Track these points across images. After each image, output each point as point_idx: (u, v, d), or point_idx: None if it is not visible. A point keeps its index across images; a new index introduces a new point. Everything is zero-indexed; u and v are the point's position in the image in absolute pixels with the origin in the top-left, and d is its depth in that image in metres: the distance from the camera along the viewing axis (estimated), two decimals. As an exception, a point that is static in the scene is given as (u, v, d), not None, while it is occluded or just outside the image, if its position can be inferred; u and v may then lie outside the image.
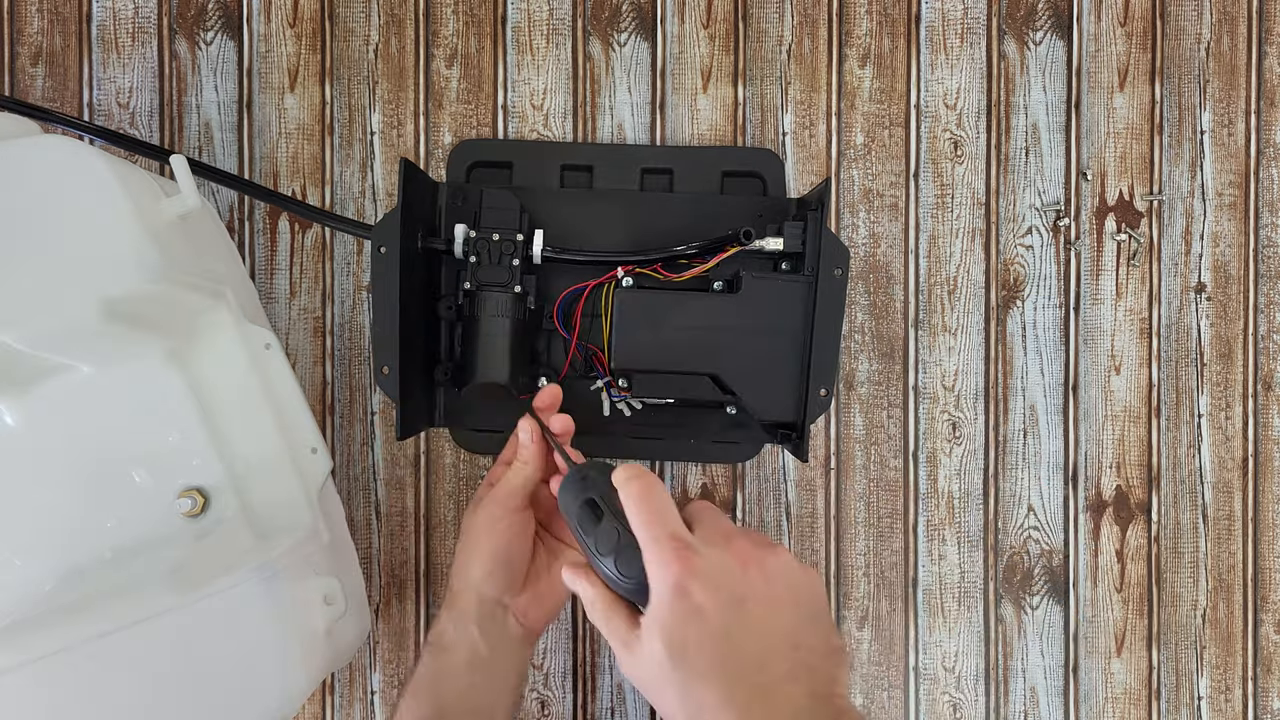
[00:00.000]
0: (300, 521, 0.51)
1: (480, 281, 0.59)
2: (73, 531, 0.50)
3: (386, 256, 0.57)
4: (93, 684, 0.48)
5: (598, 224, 0.64)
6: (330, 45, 0.67)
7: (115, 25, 0.66)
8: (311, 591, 0.53)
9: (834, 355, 0.58)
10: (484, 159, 0.66)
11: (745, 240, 0.58)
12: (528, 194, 0.64)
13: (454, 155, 0.66)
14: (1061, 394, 0.68)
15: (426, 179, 0.63)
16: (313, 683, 0.53)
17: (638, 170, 0.66)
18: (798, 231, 0.59)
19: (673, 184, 0.66)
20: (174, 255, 0.49)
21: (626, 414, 0.65)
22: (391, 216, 0.57)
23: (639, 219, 0.64)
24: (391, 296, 0.57)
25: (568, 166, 0.66)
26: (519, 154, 0.66)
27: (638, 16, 0.67)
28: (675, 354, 0.59)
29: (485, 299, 0.59)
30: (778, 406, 0.59)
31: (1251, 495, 0.68)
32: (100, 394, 0.50)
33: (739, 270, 0.60)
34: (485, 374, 0.59)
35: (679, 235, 0.63)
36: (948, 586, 0.67)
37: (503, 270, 0.59)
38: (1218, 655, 0.68)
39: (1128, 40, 0.67)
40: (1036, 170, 0.67)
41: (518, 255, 0.59)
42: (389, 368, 0.58)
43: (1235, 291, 0.68)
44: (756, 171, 0.66)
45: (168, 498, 0.51)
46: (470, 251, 0.59)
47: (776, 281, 0.59)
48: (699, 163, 0.66)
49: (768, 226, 0.60)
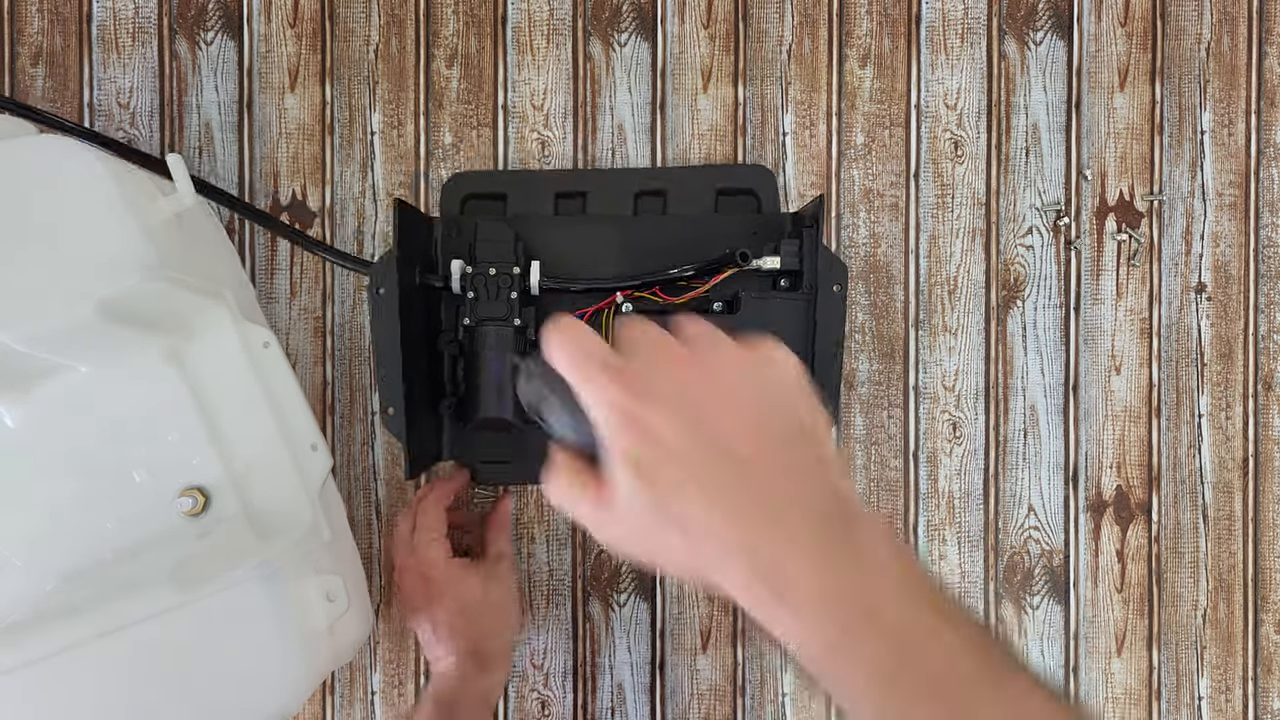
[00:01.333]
0: (301, 519, 0.51)
1: (479, 317, 0.59)
2: (73, 532, 0.50)
3: (385, 298, 0.57)
4: (95, 683, 0.48)
5: (594, 249, 0.64)
6: (330, 45, 0.67)
7: (115, 25, 0.66)
8: (313, 589, 0.53)
9: (835, 370, 0.59)
10: (477, 191, 0.66)
11: (741, 262, 0.58)
12: (522, 222, 0.64)
13: (447, 189, 0.66)
14: (1062, 394, 0.68)
15: (420, 216, 0.63)
16: (315, 680, 0.53)
17: (631, 194, 0.66)
18: (794, 249, 0.59)
19: (666, 206, 0.66)
20: (171, 254, 0.49)
21: None
22: (388, 259, 0.57)
23: (635, 243, 0.64)
24: (392, 338, 0.57)
25: (561, 194, 0.66)
26: (512, 184, 0.66)
27: (638, 16, 0.67)
28: None
29: (485, 334, 0.59)
30: None
31: (1251, 495, 0.68)
32: (99, 394, 0.50)
33: (738, 290, 0.60)
34: (488, 409, 0.59)
35: (675, 257, 0.63)
36: (948, 586, 0.67)
37: (501, 304, 0.59)
38: (1218, 655, 0.68)
39: (1128, 40, 0.67)
40: (1037, 170, 0.67)
41: (515, 288, 0.59)
42: (394, 408, 0.58)
43: (1235, 291, 0.68)
44: (750, 188, 0.66)
45: (168, 497, 0.51)
46: (468, 287, 0.59)
47: (775, 300, 0.59)
48: (692, 183, 0.66)
49: (764, 244, 0.60)
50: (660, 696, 0.68)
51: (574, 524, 0.53)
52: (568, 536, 0.67)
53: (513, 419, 0.59)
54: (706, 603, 0.67)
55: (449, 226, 0.64)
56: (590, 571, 0.67)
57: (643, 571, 0.67)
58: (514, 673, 0.67)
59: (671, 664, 0.68)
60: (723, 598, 0.67)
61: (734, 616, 0.67)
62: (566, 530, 0.67)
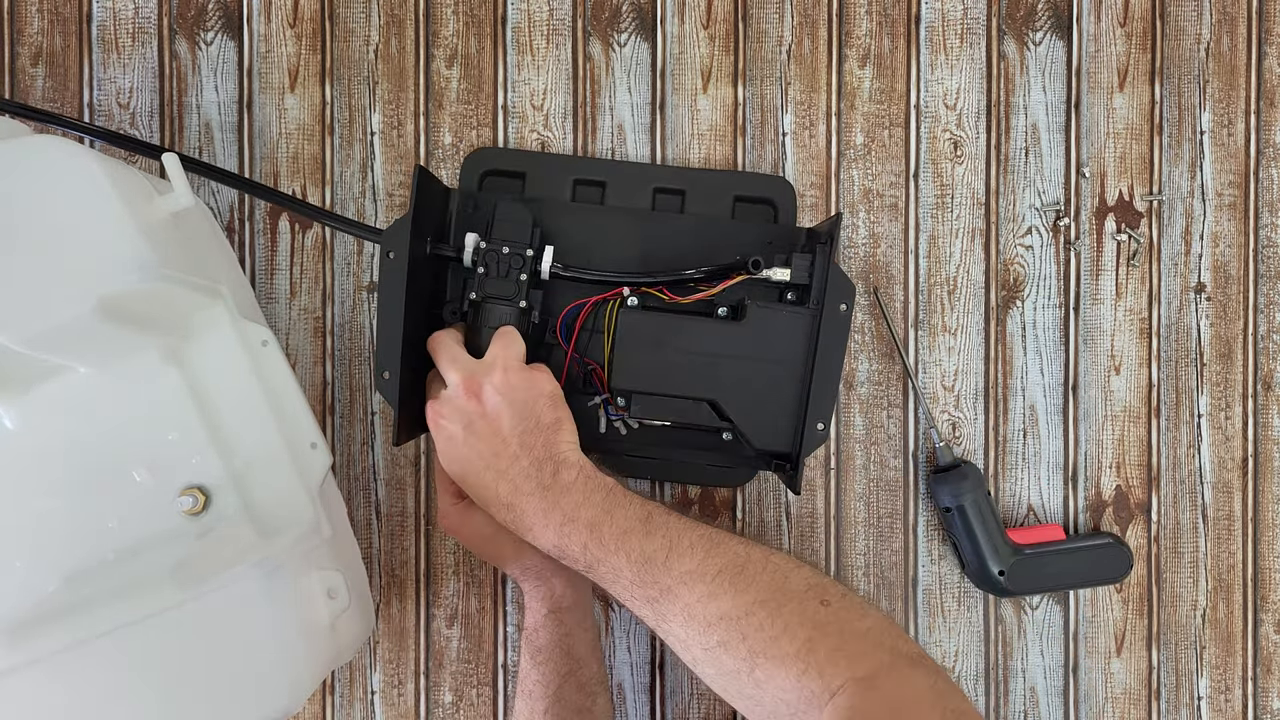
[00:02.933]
0: (301, 517, 0.51)
1: (487, 293, 0.59)
2: (74, 533, 0.50)
3: (394, 263, 0.57)
4: (97, 682, 0.48)
5: (606, 239, 0.64)
6: (330, 45, 0.67)
7: (115, 25, 0.66)
8: (314, 586, 0.53)
9: (833, 390, 0.58)
10: (497, 168, 0.66)
11: (753, 270, 0.58)
12: (538, 204, 0.64)
13: (468, 163, 0.66)
14: (1061, 394, 0.68)
15: (439, 186, 0.62)
16: (318, 677, 0.53)
17: (650, 189, 0.66)
18: (805, 264, 0.59)
19: (684, 205, 0.66)
20: (168, 253, 0.49)
21: (623, 432, 0.64)
22: (402, 223, 0.56)
23: (648, 238, 0.64)
24: (397, 303, 0.56)
25: (580, 181, 0.66)
26: (532, 165, 0.66)
27: (638, 17, 0.67)
28: (675, 377, 0.59)
29: (490, 311, 0.59)
30: (774, 436, 0.59)
31: (1251, 495, 0.68)
32: (98, 394, 0.50)
33: (744, 298, 0.60)
34: None
35: (687, 257, 0.63)
36: (948, 586, 0.67)
37: (510, 284, 0.59)
38: (1218, 655, 0.68)
39: (1127, 40, 0.68)
40: (1036, 170, 0.67)
41: (526, 270, 0.59)
42: (390, 373, 0.58)
43: (1235, 291, 0.68)
44: (769, 198, 0.66)
45: (168, 496, 0.51)
46: (479, 262, 0.59)
47: (781, 312, 0.59)
48: (712, 185, 0.66)
49: (776, 256, 0.60)
50: (660, 697, 0.68)
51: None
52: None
53: None
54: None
55: (466, 201, 0.64)
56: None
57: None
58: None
59: (671, 664, 0.68)
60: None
61: (734, 616, 0.67)
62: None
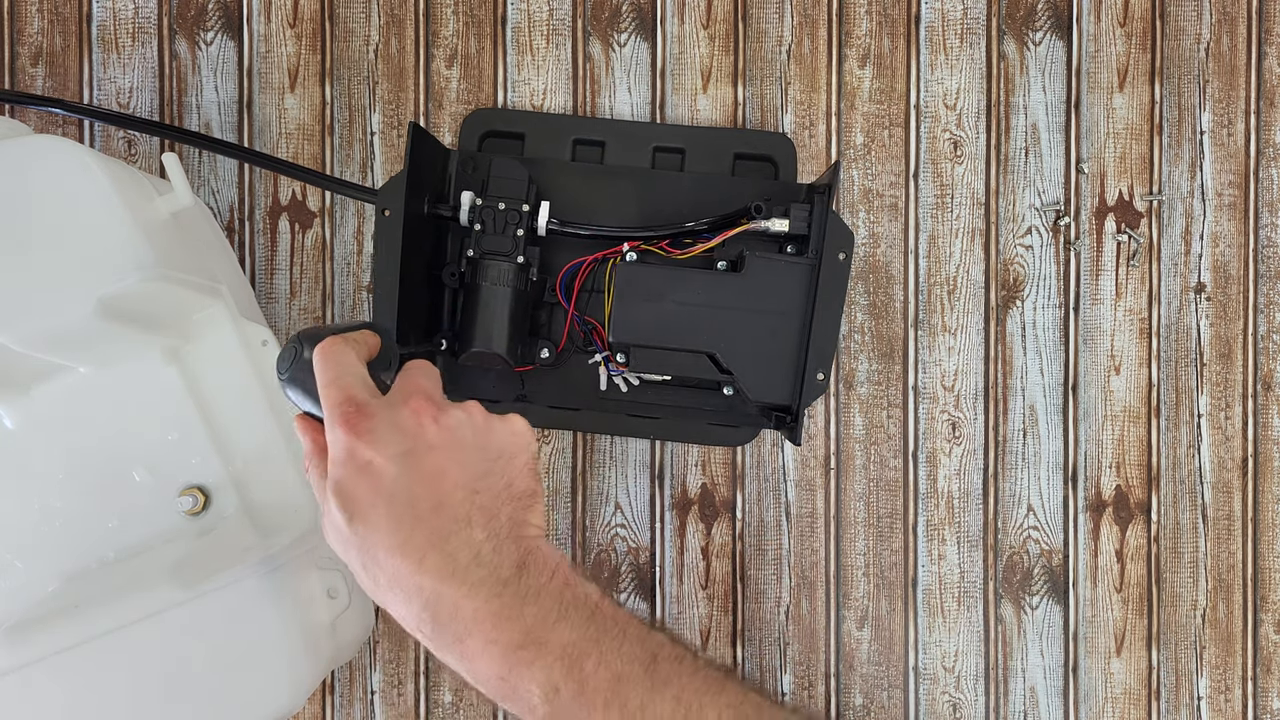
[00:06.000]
0: (301, 515, 0.52)
1: (483, 250, 0.59)
2: (75, 532, 0.51)
3: (390, 220, 0.56)
4: (98, 682, 0.48)
5: (606, 198, 0.64)
6: (330, 45, 0.67)
7: (115, 25, 0.66)
8: (314, 585, 0.53)
9: (833, 339, 0.58)
10: (497, 128, 0.66)
11: (756, 214, 0.58)
12: (538, 165, 0.64)
13: (467, 123, 0.66)
14: (1061, 394, 0.68)
15: (437, 145, 0.62)
16: (318, 676, 0.53)
17: (650, 148, 0.66)
18: (804, 214, 0.59)
19: (684, 164, 0.66)
20: (168, 253, 0.49)
21: (623, 390, 0.64)
22: (397, 180, 0.56)
23: (648, 196, 0.64)
24: (392, 259, 0.56)
25: (580, 141, 0.66)
26: (532, 125, 0.66)
27: (638, 17, 0.67)
28: (674, 330, 0.59)
29: (487, 267, 0.59)
30: (774, 388, 0.59)
31: (1251, 495, 0.68)
32: (99, 394, 0.51)
33: (743, 250, 0.60)
34: (483, 342, 0.59)
35: (687, 214, 0.63)
36: (947, 586, 0.67)
37: (506, 240, 0.59)
38: (1217, 655, 0.68)
39: (1127, 40, 0.67)
40: (1036, 170, 0.67)
41: (522, 225, 0.59)
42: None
43: (1235, 291, 0.68)
44: (769, 155, 0.66)
45: (169, 496, 0.51)
46: (475, 219, 0.59)
47: (780, 262, 0.59)
48: (711, 143, 0.66)
49: (774, 209, 0.60)
50: None
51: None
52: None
53: (504, 354, 0.59)
54: (706, 602, 0.68)
55: (465, 161, 0.64)
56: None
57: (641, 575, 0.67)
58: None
59: None
60: (722, 597, 0.67)
61: (733, 616, 0.67)
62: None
